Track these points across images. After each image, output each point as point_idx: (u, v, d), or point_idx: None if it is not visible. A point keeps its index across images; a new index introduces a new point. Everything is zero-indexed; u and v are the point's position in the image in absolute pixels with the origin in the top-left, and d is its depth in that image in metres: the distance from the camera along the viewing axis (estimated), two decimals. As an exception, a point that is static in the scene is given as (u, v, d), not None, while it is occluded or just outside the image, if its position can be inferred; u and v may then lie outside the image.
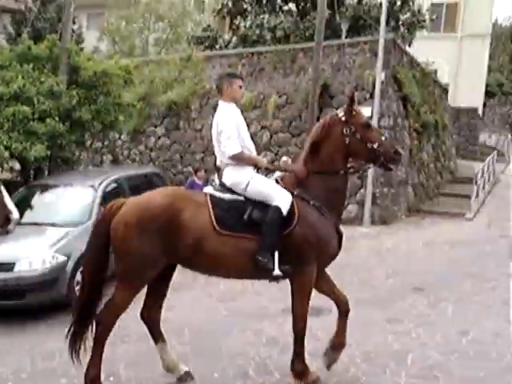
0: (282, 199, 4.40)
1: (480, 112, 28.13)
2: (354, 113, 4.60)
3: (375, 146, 4.54)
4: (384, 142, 4.62)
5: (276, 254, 4.32)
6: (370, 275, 8.61)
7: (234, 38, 18.73)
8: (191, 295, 8.05)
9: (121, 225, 4.38)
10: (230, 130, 4.55)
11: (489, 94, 33.23)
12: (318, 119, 14.44)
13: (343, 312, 4.79)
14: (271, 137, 15.00)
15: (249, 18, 18.25)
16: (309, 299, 4.59)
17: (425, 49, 22.00)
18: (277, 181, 4.65)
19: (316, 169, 4.61)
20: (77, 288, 7.12)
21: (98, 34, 24.66)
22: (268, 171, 4.74)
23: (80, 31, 22.64)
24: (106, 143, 16.49)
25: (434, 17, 23.55)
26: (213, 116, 5.03)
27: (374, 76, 13.45)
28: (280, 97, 15.06)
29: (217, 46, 19.34)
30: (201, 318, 6.89)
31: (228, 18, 21.80)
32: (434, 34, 27.86)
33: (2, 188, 3.75)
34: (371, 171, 13.36)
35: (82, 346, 4.64)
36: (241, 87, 4.79)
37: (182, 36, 22.84)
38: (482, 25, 29.38)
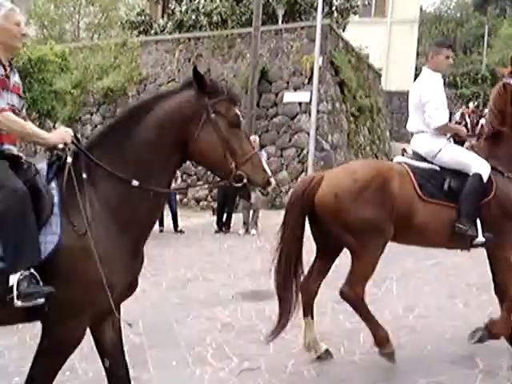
0: (481, 166, 4.41)
1: (410, 95, 29.05)
2: None
3: None
4: None
5: (478, 220, 4.34)
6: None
7: (170, 23, 18.42)
8: (140, 285, 7.97)
9: (331, 197, 4.29)
10: (437, 100, 4.55)
11: (416, 77, 34.33)
12: (257, 104, 14.52)
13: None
14: (211, 123, 14.93)
15: (184, 2, 17.98)
16: None
17: (356, 34, 22.45)
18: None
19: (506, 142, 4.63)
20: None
21: (24, 17, 23.57)
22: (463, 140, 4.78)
23: (5, 15, 21.57)
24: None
25: (366, 2, 24.04)
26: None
27: (312, 61, 13.65)
28: (219, 82, 15.01)
29: (152, 31, 18.96)
30: (153, 307, 6.84)
31: (162, 3, 21.40)
32: (365, 20, 28.47)
33: None
34: (311, 154, 13.60)
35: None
36: (448, 57, 4.73)
37: (114, 21, 22.22)
38: (411, 11, 30.29)
